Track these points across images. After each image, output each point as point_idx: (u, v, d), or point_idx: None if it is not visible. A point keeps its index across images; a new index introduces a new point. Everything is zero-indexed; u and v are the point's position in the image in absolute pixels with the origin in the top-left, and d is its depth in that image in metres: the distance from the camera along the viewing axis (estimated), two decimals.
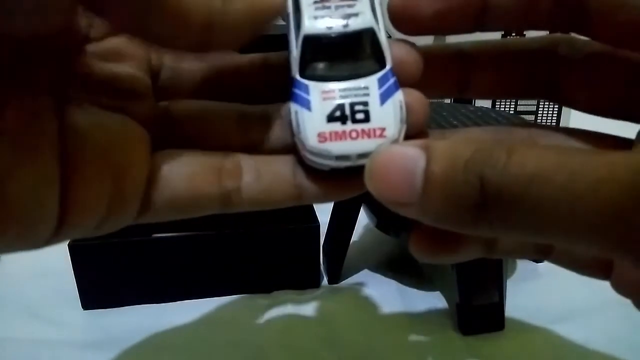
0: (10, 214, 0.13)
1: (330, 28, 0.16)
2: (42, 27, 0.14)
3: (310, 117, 0.15)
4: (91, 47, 0.16)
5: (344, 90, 0.16)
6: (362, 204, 0.42)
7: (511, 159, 0.13)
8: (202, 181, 0.17)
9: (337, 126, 0.15)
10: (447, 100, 0.64)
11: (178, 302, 0.40)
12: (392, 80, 0.16)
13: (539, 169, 0.12)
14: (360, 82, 0.16)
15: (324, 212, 0.43)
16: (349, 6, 0.16)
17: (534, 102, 0.61)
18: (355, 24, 0.16)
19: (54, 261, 0.39)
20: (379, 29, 0.16)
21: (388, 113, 0.16)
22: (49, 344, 0.35)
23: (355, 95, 0.16)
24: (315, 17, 0.16)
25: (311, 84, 0.16)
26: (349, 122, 0.15)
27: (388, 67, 0.16)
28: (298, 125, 0.16)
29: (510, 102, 0.61)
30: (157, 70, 0.19)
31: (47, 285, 0.41)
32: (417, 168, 0.14)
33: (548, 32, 0.18)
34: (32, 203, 0.14)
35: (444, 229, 0.14)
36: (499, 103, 0.61)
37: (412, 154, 0.14)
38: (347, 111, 0.15)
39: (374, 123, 0.15)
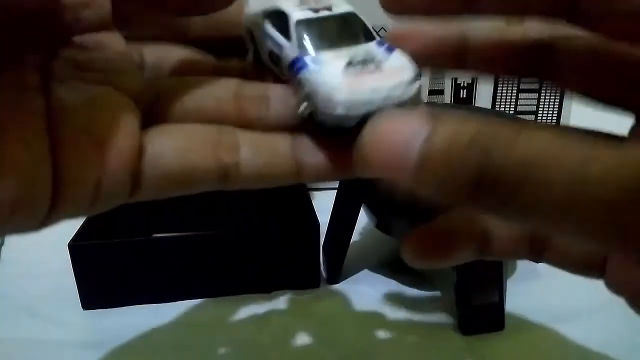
0: (6, 184, 0.13)
1: (317, 11, 0.17)
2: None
3: (328, 74, 0.15)
4: (76, 39, 0.17)
5: (350, 51, 0.16)
6: (362, 204, 0.42)
7: (519, 136, 0.12)
8: (197, 156, 0.17)
9: (355, 76, 0.16)
10: (447, 100, 0.64)
11: (178, 302, 0.40)
12: (386, 45, 0.17)
13: (546, 150, 0.12)
14: (360, 47, 0.17)
15: (324, 212, 0.43)
16: (326, 3, 0.18)
17: (534, 101, 0.61)
18: (338, 10, 0.17)
19: (54, 261, 0.40)
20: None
21: (397, 60, 0.16)
22: (49, 344, 0.35)
23: (362, 54, 0.16)
24: (300, 10, 0.17)
25: (319, 53, 0.16)
26: (365, 73, 0.16)
27: (378, 38, 0.17)
28: (316, 86, 0.16)
29: (510, 102, 0.61)
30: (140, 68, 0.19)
31: (47, 285, 0.41)
32: (418, 136, 0.13)
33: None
34: (27, 173, 0.14)
35: (436, 199, 0.14)
36: (498, 103, 0.61)
37: (416, 121, 0.14)
38: (359, 65, 0.16)
39: (388, 69, 0.16)
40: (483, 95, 0.64)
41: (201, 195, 0.18)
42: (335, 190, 0.44)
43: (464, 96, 0.64)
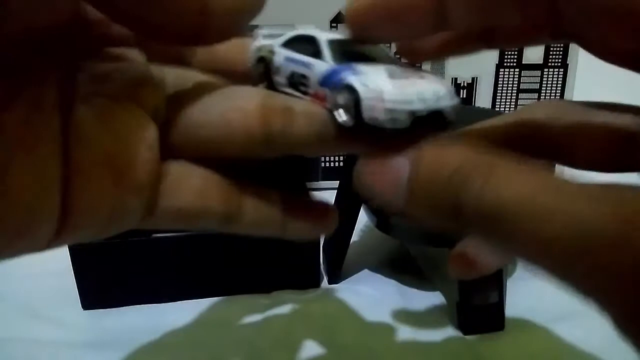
0: (10, 210, 0.13)
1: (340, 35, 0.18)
2: (50, 16, 0.14)
3: (375, 78, 0.15)
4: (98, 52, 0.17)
5: (384, 66, 0.16)
6: (362, 204, 0.42)
7: (488, 183, 0.13)
8: (211, 197, 0.17)
9: (401, 81, 0.16)
10: None
11: (178, 302, 0.40)
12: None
13: (511, 199, 0.12)
14: (390, 65, 0.17)
15: None
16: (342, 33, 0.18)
17: (535, 100, 0.61)
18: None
19: (54, 261, 0.39)
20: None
21: (433, 75, 0.17)
22: (49, 344, 0.35)
23: (397, 69, 0.16)
24: (325, 33, 0.18)
25: (356, 65, 0.16)
26: (409, 80, 0.16)
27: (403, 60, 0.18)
28: (366, 88, 0.15)
29: (510, 102, 0.61)
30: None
31: (47, 285, 0.41)
32: (403, 174, 0.14)
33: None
34: (32, 200, 0.14)
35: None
36: (498, 103, 0.61)
37: (401, 160, 0.15)
38: (400, 74, 0.16)
39: (431, 78, 0.16)
40: (483, 95, 0.64)
41: None
42: (335, 191, 0.45)
43: (464, 96, 0.64)
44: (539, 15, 0.15)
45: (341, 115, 0.16)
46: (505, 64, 0.64)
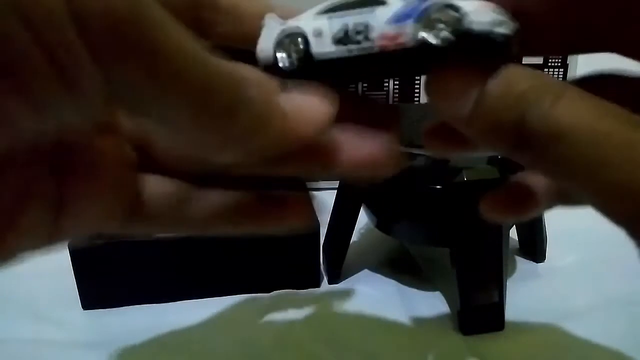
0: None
1: None
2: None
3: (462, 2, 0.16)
4: None
5: None
6: (362, 204, 0.42)
7: (555, 105, 0.14)
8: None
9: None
10: None
11: (178, 302, 0.40)
12: None
13: (572, 124, 0.13)
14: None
15: (324, 212, 0.43)
16: None
17: None
18: None
19: (54, 261, 0.39)
20: None
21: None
22: (49, 344, 0.35)
23: None
24: None
25: None
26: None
27: None
28: (462, 7, 0.16)
29: None
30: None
31: (47, 285, 0.41)
32: (475, 86, 0.15)
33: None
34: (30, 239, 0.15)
35: (484, 146, 0.16)
36: None
37: (476, 73, 0.15)
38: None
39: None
40: None
41: None
42: (335, 190, 0.44)
43: None
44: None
45: (438, 36, 0.15)
46: None
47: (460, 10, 0.15)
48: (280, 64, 0.18)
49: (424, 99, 0.64)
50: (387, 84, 0.60)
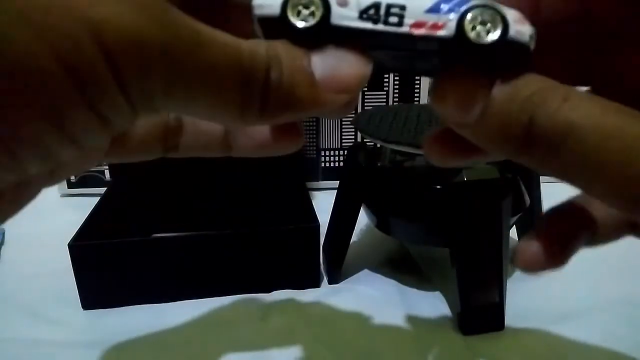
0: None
1: None
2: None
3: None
4: None
5: None
6: (362, 204, 0.42)
7: (562, 106, 0.14)
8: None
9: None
10: None
11: (178, 302, 0.40)
12: None
13: (580, 120, 0.13)
14: None
15: (324, 212, 0.43)
16: None
17: None
18: None
19: (54, 261, 0.40)
20: None
21: None
22: (49, 344, 0.35)
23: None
24: None
25: None
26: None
27: None
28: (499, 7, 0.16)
29: None
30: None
31: (47, 285, 0.41)
32: (483, 91, 0.15)
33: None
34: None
35: (491, 151, 0.16)
36: None
37: (484, 79, 0.15)
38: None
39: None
40: None
41: (201, 195, 0.19)
42: (335, 190, 0.45)
43: None
44: None
45: (481, 35, 0.15)
46: None
47: (506, 17, 0.15)
48: (292, 21, 0.16)
49: (424, 99, 0.64)
50: (387, 84, 0.60)
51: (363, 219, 0.43)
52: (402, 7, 0.16)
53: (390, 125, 0.39)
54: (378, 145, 0.41)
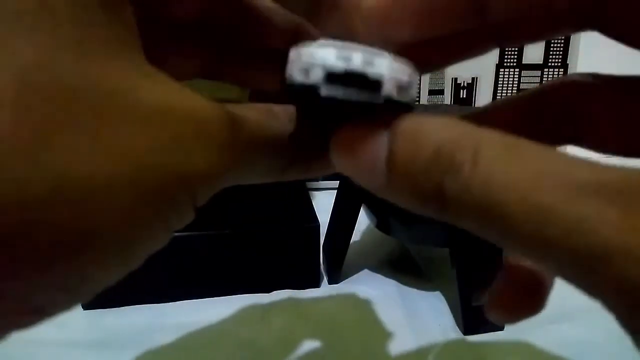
0: None
1: None
2: None
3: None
4: None
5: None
6: (362, 204, 0.42)
7: (475, 169, 0.11)
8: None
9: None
10: (447, 101, 0.64)
11: (178, 302, 0.40)
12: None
13: (504, 195, 0.10)
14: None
15: (324, 212, 0.43)
16: None
17: None
18: None
19: None
20: None
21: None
22: (49, 344, 0.35)
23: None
24: None
25: None
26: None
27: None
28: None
29: None
30: None
31: None
32: (381, 152, 0.12)
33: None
34: None
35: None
36: None
37: (378, 135, 0.13)
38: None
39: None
40: (483, 95, 0.64)
41: None
42: (335, 190, 0.45)
43: (464, 96, 0.64)
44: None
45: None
46: (505, 64, 0.64)
47: (382, 75, 0.13)
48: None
49: (424, 99, 0.64)
50: None
51: (363, 219, 0.43)
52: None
53: None
54: None
